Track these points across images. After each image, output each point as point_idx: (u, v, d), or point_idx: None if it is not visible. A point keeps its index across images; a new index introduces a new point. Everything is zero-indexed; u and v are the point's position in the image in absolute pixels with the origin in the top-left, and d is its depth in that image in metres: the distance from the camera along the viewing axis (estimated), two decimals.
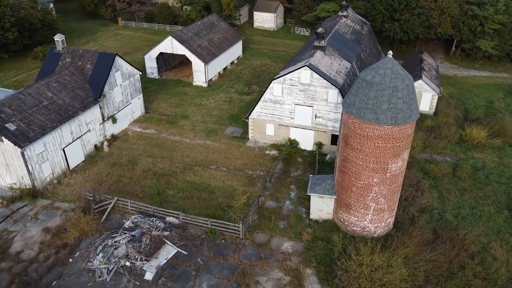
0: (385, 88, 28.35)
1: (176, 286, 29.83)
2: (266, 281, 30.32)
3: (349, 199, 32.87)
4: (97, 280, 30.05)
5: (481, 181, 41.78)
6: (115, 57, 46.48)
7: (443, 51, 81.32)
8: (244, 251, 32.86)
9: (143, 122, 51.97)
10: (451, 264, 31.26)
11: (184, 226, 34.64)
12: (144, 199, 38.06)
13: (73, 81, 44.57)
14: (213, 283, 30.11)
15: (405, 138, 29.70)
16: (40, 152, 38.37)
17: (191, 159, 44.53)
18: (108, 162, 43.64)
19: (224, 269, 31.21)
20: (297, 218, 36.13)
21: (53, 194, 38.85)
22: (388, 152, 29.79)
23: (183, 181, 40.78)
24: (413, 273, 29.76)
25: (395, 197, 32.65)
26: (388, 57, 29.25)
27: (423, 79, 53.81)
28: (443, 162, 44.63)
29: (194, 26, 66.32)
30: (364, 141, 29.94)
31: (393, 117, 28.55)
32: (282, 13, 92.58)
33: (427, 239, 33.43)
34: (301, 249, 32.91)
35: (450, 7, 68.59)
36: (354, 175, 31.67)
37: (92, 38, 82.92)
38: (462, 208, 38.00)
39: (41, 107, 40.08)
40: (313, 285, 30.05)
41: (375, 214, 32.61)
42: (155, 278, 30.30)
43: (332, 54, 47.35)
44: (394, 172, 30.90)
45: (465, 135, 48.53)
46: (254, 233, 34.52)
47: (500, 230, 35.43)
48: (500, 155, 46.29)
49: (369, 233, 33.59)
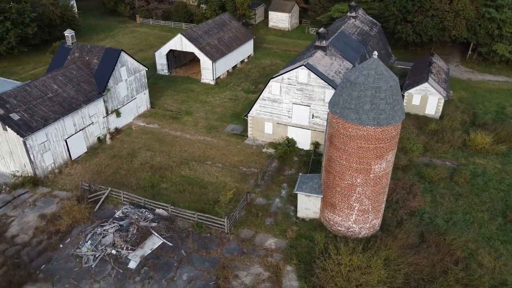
0: (367, 88, 28.34)
1: (158, 276, 30.69)
2: (245, 276, 30.80)
3: (333, 199, 32.96)
4: (83, 266, 31.25)
5: (479, 187, 40.94)
6: (121, 53, 47.89)
7: (459, 55, 79.56)
8: (227, 245, 33.43)
9: (148, 117, 53.28)
10: (433, 268, 30.93)
11: (172, 218, 35.51)
12: (138, 191, 39.16)
13: (79, 75, 46.20)
14: (193, 274, 30.82)
15: (388, 140, 29.58)
16: (42, 142, 40.02)
17: (189, 154, 45.42)
18: (108, 154, 45.05)
19: (206, 262, 31.87)
20: (285, 216, 36.43)
21: (53, 182, 40.46)
22: (371, 153, 29.74)
23: (177, 175, 41.70)
24: (393, 275, 29.63)
25: (380, 199, 32.50)
26: (373, 58, 29.22)
27: (429, 82, 53.01)
28: (442, 166, 43.93)
29: (205, 25, 67.34)
30: (347, 141, 29.99)
31: (376, 118, 28.51)
32: (298, 13, 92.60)
33: (413, 242, 33.13)
34: (284, 246, 33.22)
35: (466, 10, 67.07)
36: (338, 174, 31.75)
37: (110, 35, 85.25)
38: (455, 213, 37.39)
39: (46, 99, 41.77)
40: (291, 282, 30.33)
41: (359, 214, 32.57)
42: (138, 267, 31.26)
43: (334, 55, 47.31)
44: (378, 173, 30.80)
45: (469, 140, 47.55)
46: (240, 228, 35.04)
47: (491, 237, 34.72)
48: (503, 161, 45.17)
49: (354, 233, 33.56)
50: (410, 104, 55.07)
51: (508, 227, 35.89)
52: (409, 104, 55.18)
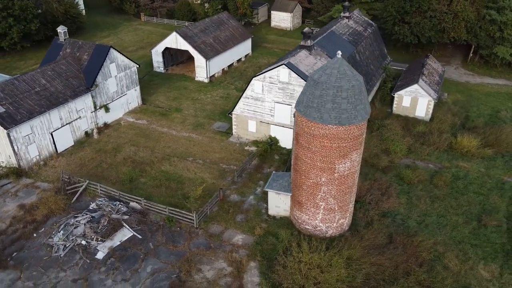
0: (329, 87, 28.46)
1: (123, 267, 31.41)
2: (208, 270, 31.26)
3: (300, 197, 33.14)
4: (53, 255, 32.20)
5: (458, 190, 40.51)
6: (110, 49, 48.90)
7: (461, 57, 78.36)
8: (195, 240, 33.95)
9: (138, 113, 54.22)
10: (397, 269, 30.84)
11: (145, 212, 36.23)
12: (117, 185, 40.01)
13: (69, 70, 47.37)
14: (158, 267, 31.43)
15: (351, 139, 29.62)
16: (27, 135, 41.25)
17: (172, 150, 46.12)
18: (94, 148, 46.10)
19: (172, 255, 32.46)
20: (256, 213, 36.75)
21: (37, 174, 41.66)
22: (334, 152, 29.83)
23: (158, 170, 42.42)
24: (353, 274, 29.68)
25: (347, 198, 32.51)
26: (336, 57, 29.33)
27: (419, 84, 52.56)
28: (424, 168, 43.56)
29: (202, 23, 68.02)
30: (311, 140, 30.15)
31: (337, 117, 28.60)
32: (300, 13, 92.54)
33: (380, 243, 33.09)
34: (251, 243, 33.56)
35: (465, 11, 66.07)
36: (304, 173, 31.92)
37: (113, 32, 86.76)
38: (429, 215, 37.12)
39: (33, 93, 43.00)
40: (252, 278, 30.66)
41: (326, 213, 32.66)
42: (105, 258, 32.04)
43: (319, 54, 47.35)
44: (342, 173, 30.86)
45: (455, 143, 47.01)
46: (210, 224, 35.53)
47: (462, 241, 34.36)
48: (488, 165, 44.51)
49: (321, 232, 33.67)
50: (400, 105, 54.69)
51: (481, 231, 35.46)
52: (399, 105, 54.81)
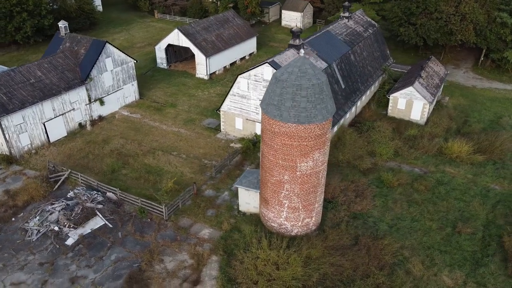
0: (289, 85, 28.52)
1: (89, 254, 32.50)
2: (169, 261, 31.93)
3: (266, 194, 33.31)
4: (26, 238, 33.67)
5: (439, 195, 39.61)
6: (106, 44, 50.40)
7: (473, 61, 76.13)
8: (163, 231, 34.70)
9: (133, 107, 55.59)
10: (356, 271, 30.60)
11: (120, 202, 37.29)
12: (99, 175, 41.31)
13: (65, 63, 49.15)
14: (122, 255, 32.36)
15: (313, 138, 29.57)
16: (19, 124, 43.15)
17: (159, 144, 47.12)
18: (85, 140, 47.68)
19: (138, 245, 33.32)
20: (227, 209, 37.16)
21: (27, 162, 43.51)
22: (295, 150, 29.86)
23: (141, 163, 43.48)
24: (309, 273, 29.65)
25: (311, 198, 32.42)
26: (299, 56, 29.36)
27: (414, 86, 51.57)
28: (409, 172, 42.80)
29: (205, 21, 68.91)
30: (273, 137, 30.29)
31: (296, 115, 28.63)
32: (311, 13, 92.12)
33: (345, 244, 32.86)
34: (217, 237, 34.00)
35: (474, 13, 64.17)
36: (268, 170, 32.09)
37: (126, 28, 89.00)
38: (403, 219, 36.50)
39: (27, 84, 44.91)
40: (211, 271, 31.11)
41: (290, 212, 32.70)
42: (74, 244, 33.23)
43: (308, 54, 47.22)
44: (305, 172, 30.84)
45: (445, 148, 45.90)
46: (180, 216, 36.21)
47: (432, 247, 33.63)
48: (476, 172, 43.26)
49: (286, 230, 33.72)
50: (396, 108, 53.79)
51: (454, 238, 34.60)
52: (394, 108, 53.92)
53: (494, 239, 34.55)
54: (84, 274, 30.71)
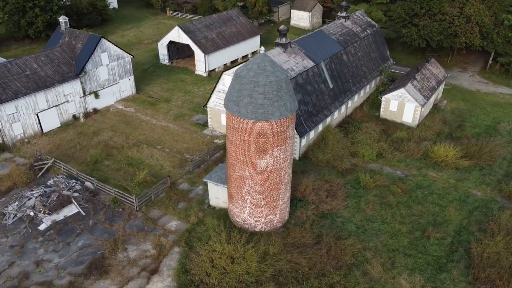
0: (247, 82, 28.85)
1: (58, 239, 33.81)
2: (133, 250, 32.83)
3: (231, 189, 33.74)
4: (2, 222, 35.32)
5: (415, 199, 39.00)
6: (101, 40, 51.95)
7: (482, 64, 74.09)
8: (132, 221, 35.68)
9: (129, 101, 57.03)
10: (312, 269, 30.61)
11: (96, 192, 38.53)
12: (82, 165, 42.76)
13: (62, 57, 51.01)
14: (88, 242, 33.50)
15: (271, 135, 29.79)
16: (11, 113, 45.14)
17: (146, 137, 48.25)
18: (76, 131, 49.36)
19: (105, 233, 34.40)
20: (198, 203, 37.78)
21: (18, 150, 45.46)
22: (254, 146, 30.16)
23: (124, 155, 44.68)
24: (264, 269, 29.89)
25: (274, 195, 32.61)
26: (260, 53, 29.63)
27: (405, 88, 50.78)
28: (389, 175, 42.28)
29: (208, 19, 69.79)
30: (234, 133, 30.69)
31: (253, 112, 28.93)
32: (320, 13, 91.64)
33: (307, 243, 32.87)
34: (183, 230, 34.68)
35: (479, 15, 62.49)
36: (231, 166, 32.51)
37: (137, 25, 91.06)
38: (373, 221, 36.17)
39: (22, 76, 46.89)
40: (171, 262, 31.80)
41: (253, 208, 33.01)
42: (46, 230, 34.63)
43: (295, 53, 47.29)
44: (265, 168, 31.08)
45: (432, 152, 45.04)
46: (152, 208, 37.09)
47: (396, 250, 33.22)
48: (460, 177, 42.29)
49: (250, 226, 34.05)
50: (388, 110, 53.09)
51: (421, 242, 34.05)
52: (386, 109, 53.23)
53: (463, 245, 33.79)
54: (50, 258, 32.00)
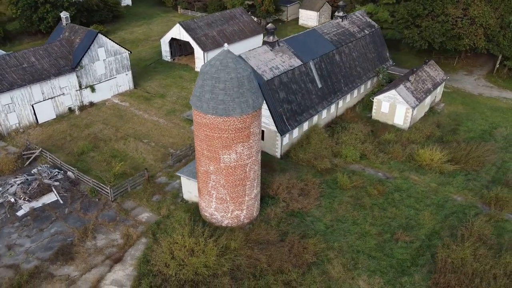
0: (209, 78, 29.28)
1: (33, 225, 35.15)
2: (102, 239, 33.81)
3: (199, 184, 34.26)
4: None
5: (391, 201, 38.53)
6: (97, 35, 53.44)
7: (489, 68, 71.96)
8: (105, 211, 36.70)
9: (125, 96, 58.40)
10: (271, 266, 30.76)
11: (77, 181, 39.81)
12: (69, 156, 44.20)
13: (60, 51, 52.77)
14: (61, 229, 34.70)
15: (233, 131, 30.12)
16: (7, 104, 47.08)
17: (135, 131, 49.36)
18: (70, 123, 50.99)
19: (78, 222, 35.54)
20: (173, 196, 38.48)
21: (12, 139, 47.37)
22: (217, 142, 30.56)
23: (110, 147, 45.89)
24: (222, 263, 30.27)
25: (239, 190, 32.89)
26: (223, 50, 30.03)
27: (397, 90, 50.04)
28: (370, 176, 41.86)
29: (210, 17, 70.56)
30: (198, 128, 31.19)
31: (214, 108, 29.33)
32: (329, 12, 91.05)
33: (271, 240, 33.03)
34: (152, 221, 35.45)
35: (484, 17, 60.80)
36: (198, 160, 33.02)
37: (147, 22, 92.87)
38: (343, 221, 35.97)
39: (19, 68, 48.82)
40: (136, 252, 32.59)
41: (218, 203, 33.41)
42: (23, 216, 36.06)
43: (283, 51, 47.36)
44: (229, 164, 31.43)
45: (417, 155, 44.29)
46: (127, 199, 38.03)
47: (361, 251, 32.96)
48: (443, 181, 41.46)
49: (217, 221, 34.46)
50: (379, 111, 52.45)
51: (389, 244, 33.66)
52: (378, 111, 52.60)
53: (431, 249, 33.21)
54: (22, 243, 33.35)
